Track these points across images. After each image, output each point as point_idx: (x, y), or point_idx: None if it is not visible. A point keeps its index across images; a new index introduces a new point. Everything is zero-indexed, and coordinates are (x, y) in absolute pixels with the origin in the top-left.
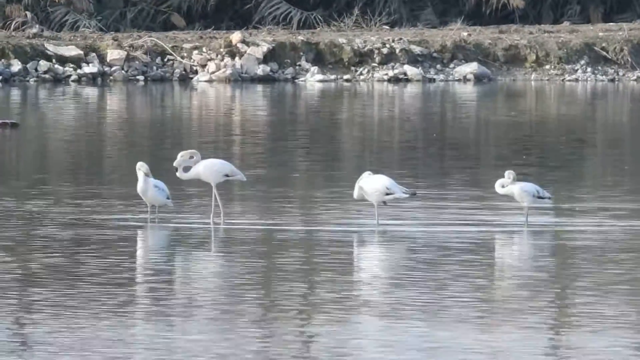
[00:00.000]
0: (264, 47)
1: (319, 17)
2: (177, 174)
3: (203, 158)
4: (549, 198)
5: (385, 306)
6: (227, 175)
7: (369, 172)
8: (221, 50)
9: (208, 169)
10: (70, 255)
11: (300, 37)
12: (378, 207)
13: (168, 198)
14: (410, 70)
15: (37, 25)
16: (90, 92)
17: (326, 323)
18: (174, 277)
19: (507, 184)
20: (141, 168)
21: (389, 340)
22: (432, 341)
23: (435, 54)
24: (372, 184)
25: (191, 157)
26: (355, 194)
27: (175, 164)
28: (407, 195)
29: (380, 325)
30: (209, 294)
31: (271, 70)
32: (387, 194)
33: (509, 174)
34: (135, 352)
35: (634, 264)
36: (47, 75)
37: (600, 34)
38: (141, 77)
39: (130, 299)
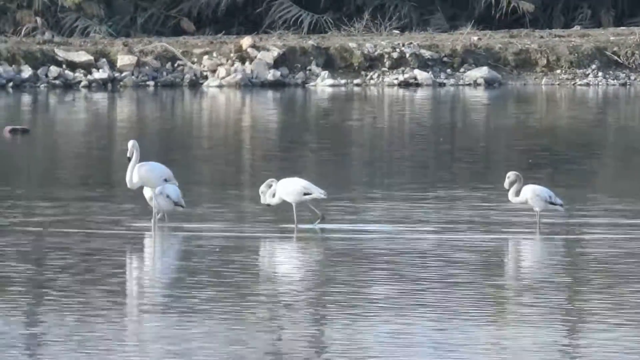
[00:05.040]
0: (275, 52)
1: (330, 20)
2: (128, 184)
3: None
4: (561, 205)
5: (397, 305)
6: (166, 180)
7: (272, 179)
8: (231, 55)
9: (150, 171)
10: (67, 261)
11: (311, 42)
12: (298, 209)
13: (177, 205)
14: (421, 75)
15: (48, 31)
16: (101, 97)
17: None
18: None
19: (519, 188)
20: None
21: (397, 338)
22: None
23: (445, 59)
24: (289, 186)
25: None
26: (272, 200)
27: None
28: (325, 196)
29: (389, 323)
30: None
31: (281, 75)
32: (305, 194)
33: (512, 175)
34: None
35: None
36: (57, 81)
37: (612, 38)
38: (151, 83)
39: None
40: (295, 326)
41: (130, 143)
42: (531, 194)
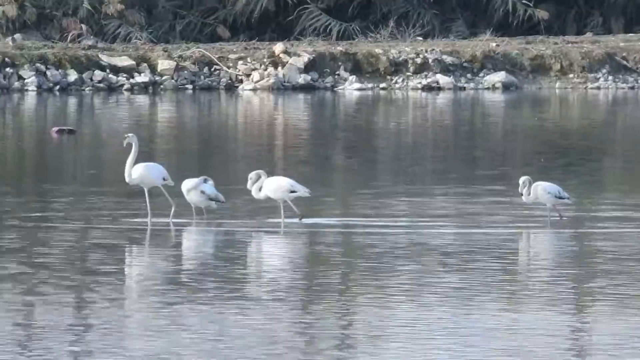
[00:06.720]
0: (305, 57)
1: (357, 28)
2: (127, 179)
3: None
4: (568, 198)
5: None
6: (164, 179)
7: (262, 171)
8: (265, 60)
9: (148, 171)
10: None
11: (339, 48)
12: (284, 205)
13: (211, 199)
14: (442, 79)
15: (92, 38)
16: (142, 100)
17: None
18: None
19: (530, 191)
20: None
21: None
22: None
23: (465, 64)
24: (276, 183)
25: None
26: (257, 194)
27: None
28: (309, 194)
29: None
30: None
31: (312, 79)
32: (292, 192)
33: (524, 180)
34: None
35: None
36: (101, 85)
37: (621, 44)
38: (190, 86)
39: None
40: (324, 311)
41: (129, 135)
42: (541, 191)
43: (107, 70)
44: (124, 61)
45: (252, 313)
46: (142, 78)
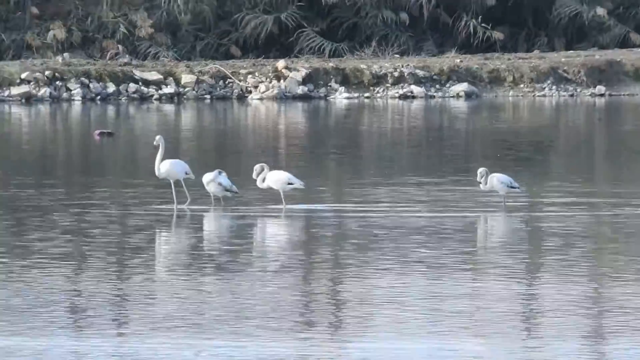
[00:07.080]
0: (303, 72)
1: (346, 47)
2: (157, 173)
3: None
4: (519, 187)
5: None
6: (186, 173)
7: (265, 164)
8: (270, 74)
9: (173, 166)
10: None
11: (331, 64)
12: (284, 194)
13: (227, 190)
14: (416, 89)
15: (127, 56)
16: (169, 108)
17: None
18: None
19: (487, 181)
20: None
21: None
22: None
23: (435, 76)
24: (276, 176)
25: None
26: (261, 184)
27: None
28: (303, 187)
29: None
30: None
31: (308, 90)
32: (289, 184)
33: (481, 171)
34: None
35: (585, 229)
36: (135, 95)
37: (563, 59)
38: (208, 96)
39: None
40: (320, 281)
41: (157, 137)
42: (496, 182)
43: (140, 83)
44: (154, 75)
45: (261, 282)
46: (168, 90)
